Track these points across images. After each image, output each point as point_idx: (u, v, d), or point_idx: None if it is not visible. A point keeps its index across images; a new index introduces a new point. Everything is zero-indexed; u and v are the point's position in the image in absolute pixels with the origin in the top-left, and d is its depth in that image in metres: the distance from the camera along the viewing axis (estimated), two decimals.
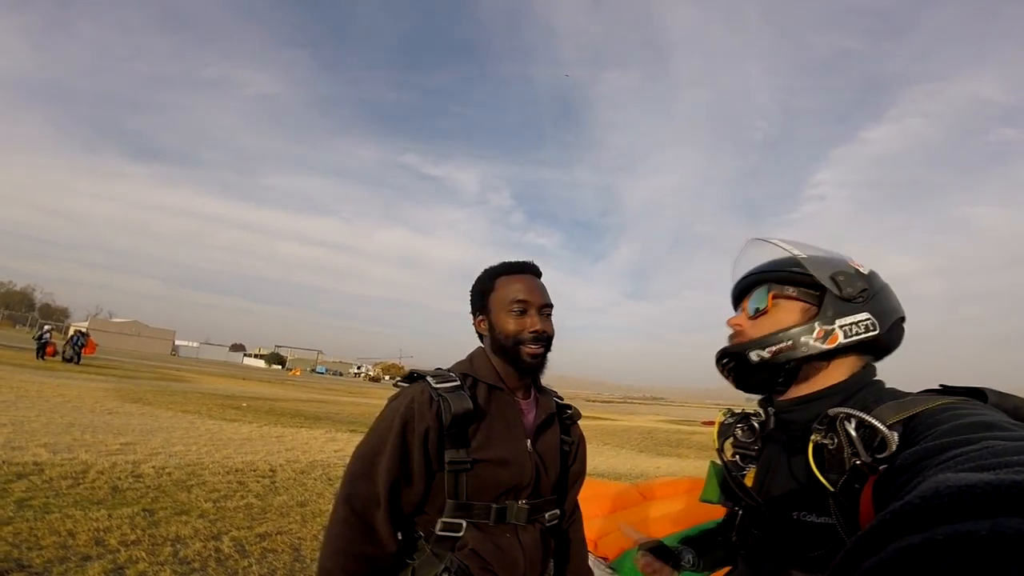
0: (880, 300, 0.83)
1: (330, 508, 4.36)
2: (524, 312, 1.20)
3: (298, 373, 68.59)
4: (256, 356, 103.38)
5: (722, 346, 0.93)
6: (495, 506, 1.12)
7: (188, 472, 4.99)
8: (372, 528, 1.07)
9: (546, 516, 1.22)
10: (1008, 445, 0.44)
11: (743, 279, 0.95)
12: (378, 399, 22.66)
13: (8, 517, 3.26)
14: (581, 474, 1.36)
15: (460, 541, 1.10)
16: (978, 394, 0.65)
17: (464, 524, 1.10)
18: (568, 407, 1.34)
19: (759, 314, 0.89)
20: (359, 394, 27.28)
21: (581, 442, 1.37)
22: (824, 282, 0.83)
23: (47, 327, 21.72)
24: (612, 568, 2.82)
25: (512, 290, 1.21)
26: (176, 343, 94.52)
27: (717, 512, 1.01)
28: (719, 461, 0.95)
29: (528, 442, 1.19)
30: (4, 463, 4.40)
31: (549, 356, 1.23)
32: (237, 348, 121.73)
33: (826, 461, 0.69)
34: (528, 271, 1.27)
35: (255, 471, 5.42)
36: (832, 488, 0.66)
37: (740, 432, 0.93)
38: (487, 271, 1.29)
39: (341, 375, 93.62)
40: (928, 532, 0.30)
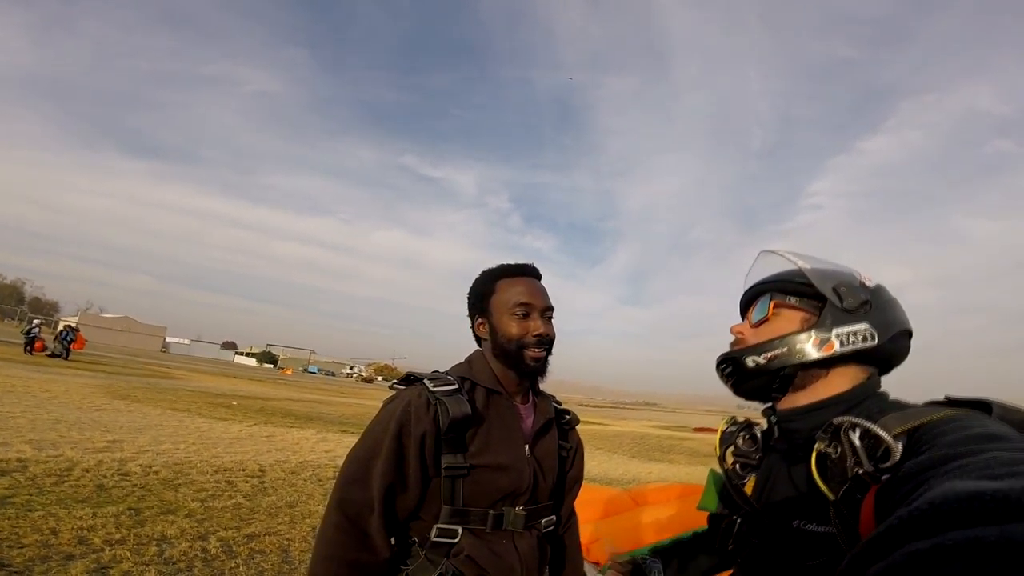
0: (882, 312, 0.83)
1: (320, 509, 4.31)
2: (527, 315, 1.18)
3: (290, 372, 68.25)
4: (248, 354, 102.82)
5: (722, 352, 0.93)
6: (492, 512, 1.10)
7: (176, 471, 4.94)
8: (365, 534, 1.04)
9: (543, 522, 1.20)
10: (1016, 456, 0.44)
11: (749, 289, 0.96)
12: (370, 400, 22.59)
13: None
14: (578, 480, 1.34)
15: (456, 547, 1.07)
16: (983, 406, 0.64)
17: (460, 530, 1.08)
18: (566, 412, 1.32)
19: (761, 322, 0.90)
20: (351, 395, 27.16)
21: (579, 448, 1.35)
22: (825, 293, 0.84)
23: (36, 321, 21.50)
24: (603, 573, 2.80)
25: (514, 293, 1.19)
26: (167, 340, 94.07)
27: (706, 520, 1.00)
28: (719, 469, 0.95)
29: (526, 447, 1.17)
30: None
31: (551, 360, 1.21)
32: (228, 346, 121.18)
33: (828, 470, 0.68)
34: (529, 273, 1.25)
35: (244, 471, 5.37)
36: (833, 497, 0.65)
37: (742, 441, 0.93)
38: (486, 273, 1.26)
39: (333, 375, 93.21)
40: (937, 538, 0.30)
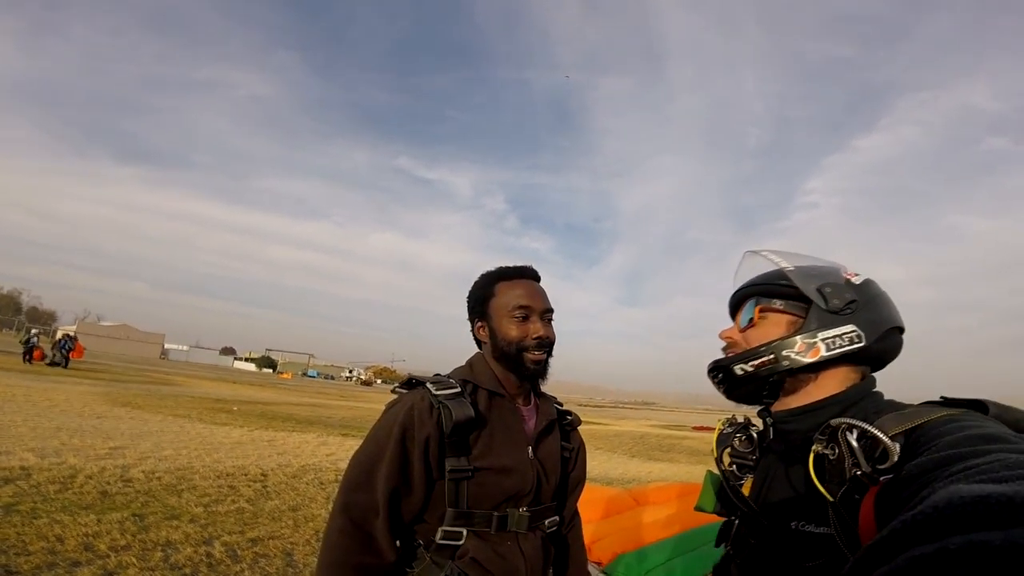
0: (870, 311, 0.81)
1: (323, 513, 4.31)
2: (527, 318, 1.18)
3: (289, 377, 68.12)
4: (247, 360, 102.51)
5: (714, 356, 0.93)
6: (496, 514, 1.11)
7: (178, 476, 4.94)
8: (371, 537, 1.05)
9: (546, 523, 1.21)
10: (1019, 458, 0.44)
11: (735, 293, 0.95)
12: (369, 403, 22.53)
13: None
14: (581, 480, 1.35)
15: (460, 549, 1.08)
16: (979, 406, 0.64)
17: (465, 532, 1.09)
18: (568, 413, 1.33)
19: (748, 327, 0.90)
20: (351, 398, 27.09)
21: (581, 448, 1.36)
22: (810, 294, 0.83)
23: (34, 331, 21.46)
24: (606, 573, 2.82)
25: (514, 296, 1.20)
26: (165, 346, 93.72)
27: (708, 518, 1.01)
28: (716, 470, 0.95)
29: (529, 449, 1.18)
30: None
31: (551, 362, 1.22)
32: (227, 352, 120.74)
33: (826, 471, 0.68)
34: (528, 276, 1.25)
35: (246, 475, 5.36)
36: (831, 498, 0.65)
37: (738, 442, 0.93)
38: (485, 276, 1.26)
39: (332, 379, 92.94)
40: (941, 542, 0.30)
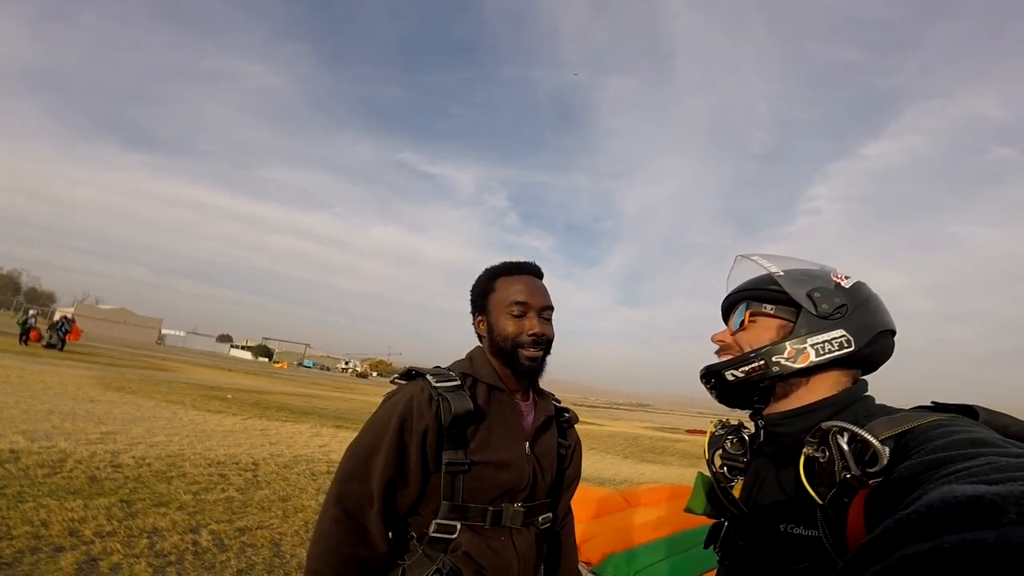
0: (859, 315, 0.82)
1: (313, 504, 4.30)
2: (523, 314, 1.18)
3: (285, 366, 68.21)
4: (243, 348, 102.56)
5: (708, 360, 0.93)
6: (491, 509, 1.10)
7: (168, 463, 4.93)
8: (364, 528, 1.05)
9: (540, 519, 1.21)
10: (1010, 461, 0.44)
11: (727, 297, 0.96)
12: (364, 395, 22.56)
13: None
14: (576, 478, 1.35)
15: (454, 543, 1.08)
16: (969, 411, 0.65)
17: (459, 526, 1.08)
18: (566, 410, 1.33)
19: (739, 331, 0.90)
20: (346, 389, 27.14)
21: (577, 446, 1.35)
22: (799, 299, 0.83)
23: (32, 312, 21.44)
24: (595, 573, 2.82)
25: (512, 291, 1.19)
26: (163, 332, 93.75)
27: (698, 520, 1.01)
28: (707, 472, 0.95)
29: (526, 445, 1.18)
30: None
31: (548, 360, 1.21)
32: (224, 339, 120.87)
33: (816, 474, 0.69)
34: (529, 272, 1.24)
35: (237, 464, 5.36)
36: (821, 501, 0.66)
37: (730, 444, 0.93)
38: (487, 271, 1.25)
39: (328, 370, 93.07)
40: (935, 540, 0.30)
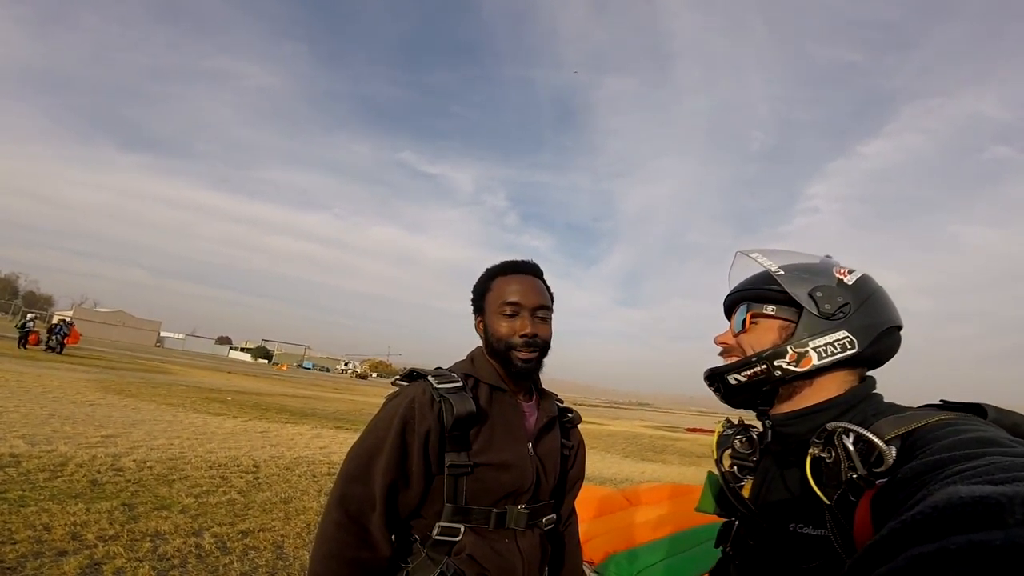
0: (863, 314, 0.80)
1: (314, 506, 4.29)
2: (515, 315, 1.16)
3: (284, 368, 68.11)
4: (242, 349, 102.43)
5: (711, 359, 0.92)
6: (495, 511, 1.09)
7: (170, 466, 4.92)
8: (366, 531, 1.04)
9: (544, 520, 1.19)
10: (1015, 461, 0.44)
11: (727, 296, 0.94)
12: (364, 396, 22.54)
13: None
14: (580, 479, 1.33)
15: (457, 546, 1.06)
16: (978, 410, 0.65)
17: (462, 528, 1.07)
18: (569, 410, 1.32)
19: (741, 332, 0.88)
20: (346, 390, 27.11)
21: (580, 446, 1.34)
22: (800, 300, 0.81)
23: (30, 315, 21.39)
24: (597, 572, 2.82)
25: (505, 291, 1.17)
26: (161, 334, 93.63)
27: (699, 519, 1.00)
28: (716, 471, 0.94)
29: (529, 446, 1.16)
30: None
31: (545, 361, 1.20)
32: (223, 341, 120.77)
33: (823, 474, 0.68)
34: (525, 271, 1.22)
35: (238, 466, 5.35)
36: (828, 501, 0.65)
37: (738, 443, 0.92)
38: (487, 271, 1.24)
39: (328, 371, 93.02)
40: (941, 541, 0.30)
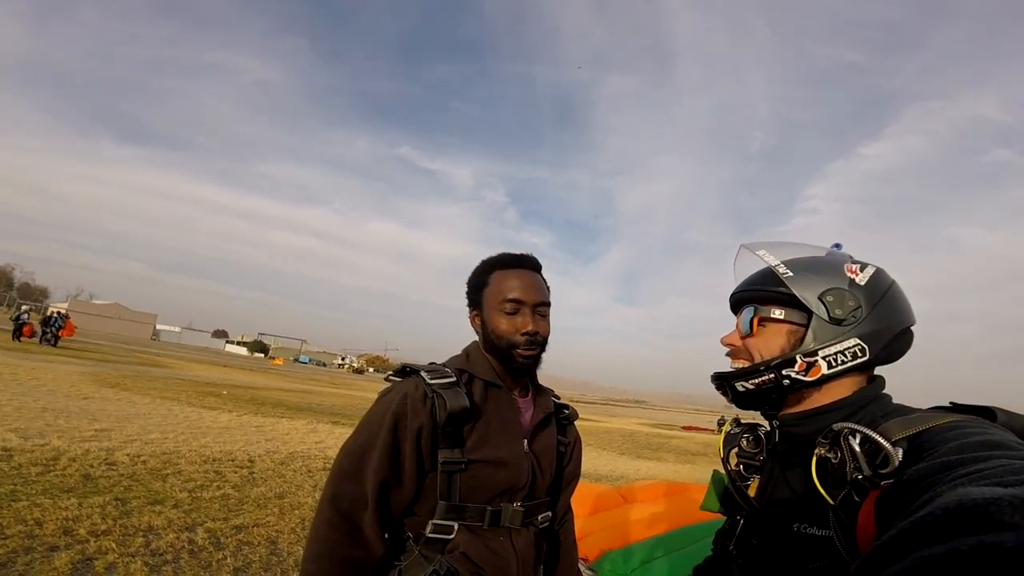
0: (875, 318, 0.77)
1: (309, 501, 4.27)
2: (517, 311, 1.14)
3: (281, 362, 68.11)
4: (239, 343, 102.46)
5: (711, 358, 0.93)
6: (489, 508, 1.07)
7: (164, 461, 4.90)
8: (359, 530, 1.02)
9: (539, 518, 1.18)
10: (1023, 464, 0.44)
11: (733, 294, 0.91)
12: (361, 391, 22.54)
13: None
14: (576, 476, 1.32)
15: (451, 543, 1.05)
16: (987, 412, 0.64)
17: (456, 526, 1.06)
18: (565, 407, 1.30)
19: (748, 336, 0.86)
20: (342, 385, 27.12)
21: (577, 443, 1.32)
22: (810, 306, 0.78)
23: (25, 307, 21.30)
24: (592, 569, 2.81)
25: (506, 287, 1.15)
26: (157, 327, 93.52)
27: (695, 517, 1.00)
28: (722, 470, 0.94)
29: (525, 442, 1.15)
30: None
31: (543, 356, 1.18)
32: (219, 334, 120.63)
33: (829, 475, 0.68)
34: (524, 265, 1.19)
35: (233, 461, 5.33)
36: (832, 501, 0.65)
37: (745, 442, 0.91)
38: (483, 263, 1.21)
39: (325, 366, 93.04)
40: (952, 543, 0.30)
